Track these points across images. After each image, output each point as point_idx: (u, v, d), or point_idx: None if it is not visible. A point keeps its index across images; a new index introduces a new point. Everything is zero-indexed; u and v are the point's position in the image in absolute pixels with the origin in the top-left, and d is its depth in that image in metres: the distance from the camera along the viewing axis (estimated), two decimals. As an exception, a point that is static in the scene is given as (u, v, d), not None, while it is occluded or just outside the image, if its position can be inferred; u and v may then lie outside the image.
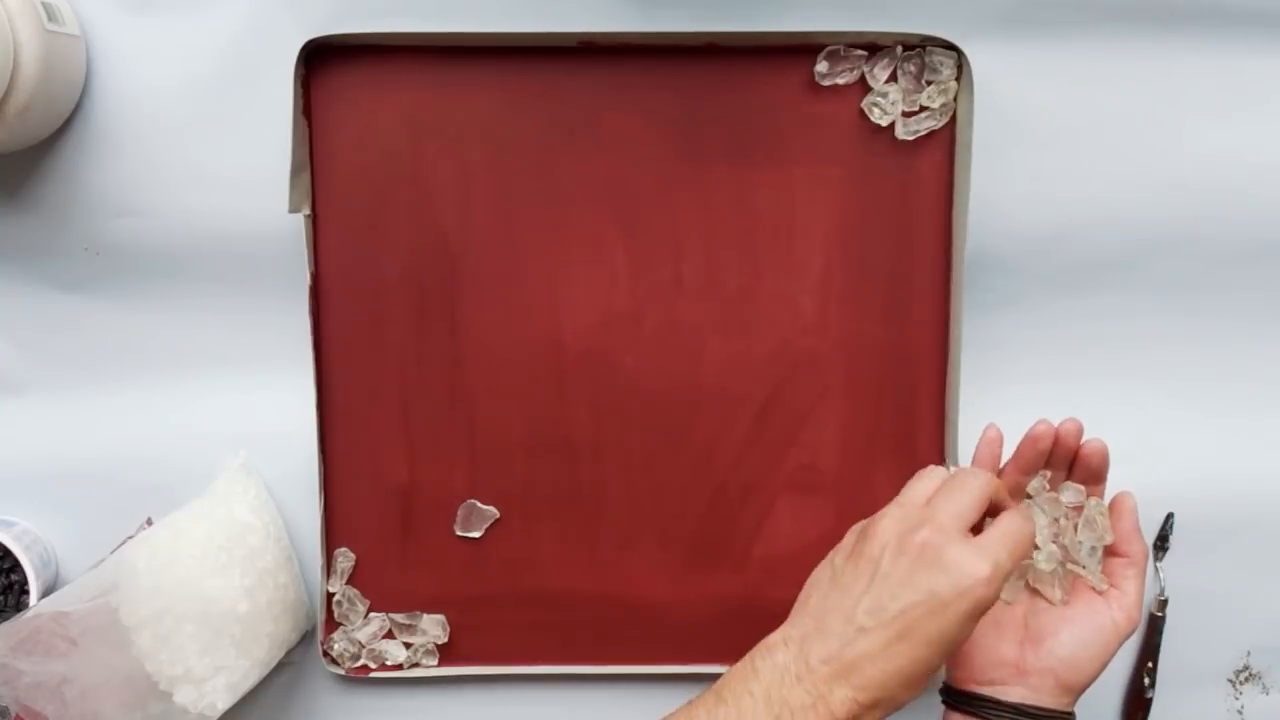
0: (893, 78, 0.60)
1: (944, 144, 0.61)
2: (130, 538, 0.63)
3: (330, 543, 0.64)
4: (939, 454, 0.63)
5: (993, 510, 0.52)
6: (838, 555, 0.51)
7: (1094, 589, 0.55)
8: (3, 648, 0.54)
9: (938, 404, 0.63)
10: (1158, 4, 0.60)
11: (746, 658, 0.50)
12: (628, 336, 0.63)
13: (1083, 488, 0.56)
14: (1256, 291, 0.64)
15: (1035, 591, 0.56)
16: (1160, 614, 0.65)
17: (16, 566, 0.62)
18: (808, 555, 0.64)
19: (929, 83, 0.60)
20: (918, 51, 0.60)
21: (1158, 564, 0.65)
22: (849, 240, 0.62)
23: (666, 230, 0.62)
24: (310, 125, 0.61)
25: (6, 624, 0.55)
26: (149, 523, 0.64)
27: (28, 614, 0.55)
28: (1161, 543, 0.65)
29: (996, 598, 0.47)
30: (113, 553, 0.61)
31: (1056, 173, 0.62)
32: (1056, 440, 0.55)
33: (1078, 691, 0.53)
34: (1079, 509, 0.56)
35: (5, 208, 0.62)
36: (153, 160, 0.62)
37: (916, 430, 0.63)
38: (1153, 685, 0.65)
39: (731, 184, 0.62)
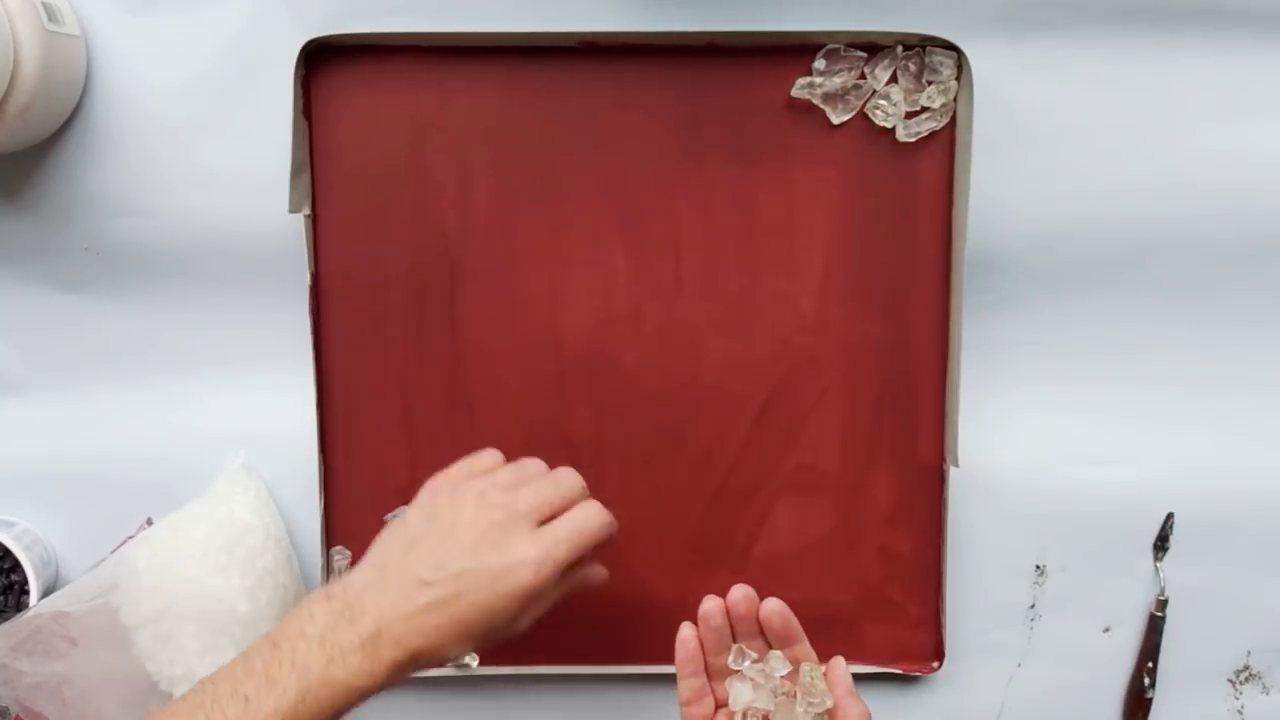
0: (893, 78, 0.60)
1: (944, 144, 0.61)
2: (130, 538, 0.63)
3: (330, 543, 0.64)
4: (939, 454, 0.63)
5: None
6: (410, 512, 0.54)
7: None
8: (3, 648, 0.54)
9: (938, 404, 0.63)
10: (1158, 4, 0.60)
11: (304, 603, 0.51)
12: (628, 336, 0.63)
13: (781, 654, 0.56)
14: (1257, 291, 0.64)
15: None
16: (1160, 614, 0.65)
17: (16, 566, 0.62)
18: (808, 555, 0.64)
19: (929, 83, 0.60)
20: (918, 51, 0.60)
21: (1158, 564, 0.65)
22: (849, 240, 0.62)
23: (666, 230, 0.62)
24: (310, 125, 0.61)
25: (6, 624, 0.55)
26: (149, 523, 0.64)
27: (28, 614, 0.55)
28: (1161, 543, 0.65)
29: (548, 583, 0.50)
30: (113, 553, 0.61)
31: (1056, 173, 0.62)
32: (730, 613, 0.56)
33: None
34: (793, 676, 0.56)
35: (5, 208, 0.62)
36: (153, 160, 0.62)
37: (916, 430, 0.63)
38: (1153, 685, 0.65)
39: (731, 184, 0.62)
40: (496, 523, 0.51)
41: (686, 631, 0.57)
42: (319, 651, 0.48)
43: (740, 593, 0.56)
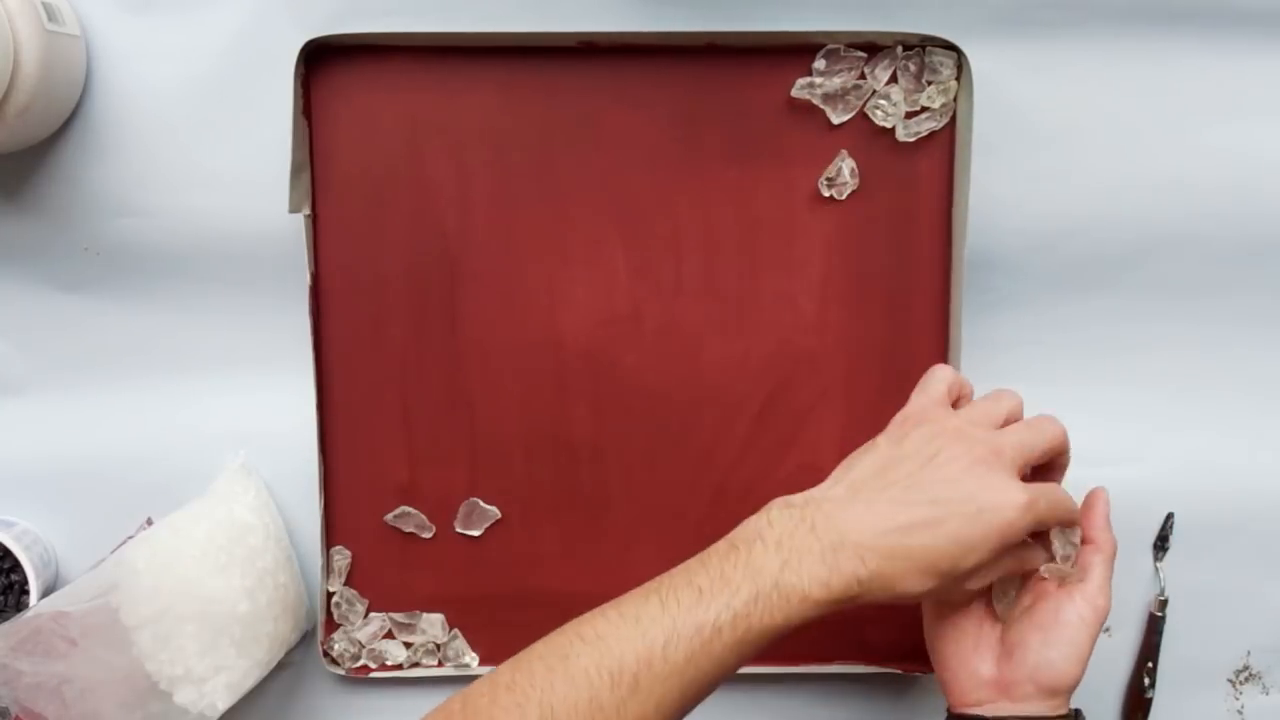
0: (893, 78, 0.60)
1: (944, 144, 0.61)
2: (130, 538, 0.63)
3: (330, 543, 0.64)
4: (939, 454, 0.63)
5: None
6: (882, 439, 0.53)
7: (1060, 584, 0.55)
8: (3, 648, 0.54)
9: (938, 404, 0.63)
10: (1158, 4, 0.60)
11: (763, 510, 0.50)
12: (628, 336, 0.63)
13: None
14: (1257, 291, 0.64)
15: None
16: (1160, 614, 0.65)
17: (16, 566, 0.62)
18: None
19: (929, 83, 0.60)
20: (917, 51, 0.60)
21: (1158, 564, 0.65)
22: (849, 240, 0.62)
23: (666, 230, 0.62)
24: (310, 125, 0.61)
25: (6, 624, 0.55)
26: (149, 523, 0.64)
27: (28, 614, 0.55)
28: (1161, 543, 0.65)
29: (1021, 536, 0.49)
30: (113, 553, 0.61)
31: (1056, 172, 0.62)
32: None
33: (1064, 692, 0.53)
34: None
35: (5, 208, 0.62)
36: (153, 160, 0.62)
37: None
38: (1153, 685, 0.65)
39: (731, 184, 0.62)
40: (981, 458, 0.49)
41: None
42: (775, 554, 0.48)
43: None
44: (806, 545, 0.48)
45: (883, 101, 0.60)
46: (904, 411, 0.55)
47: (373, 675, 0.65)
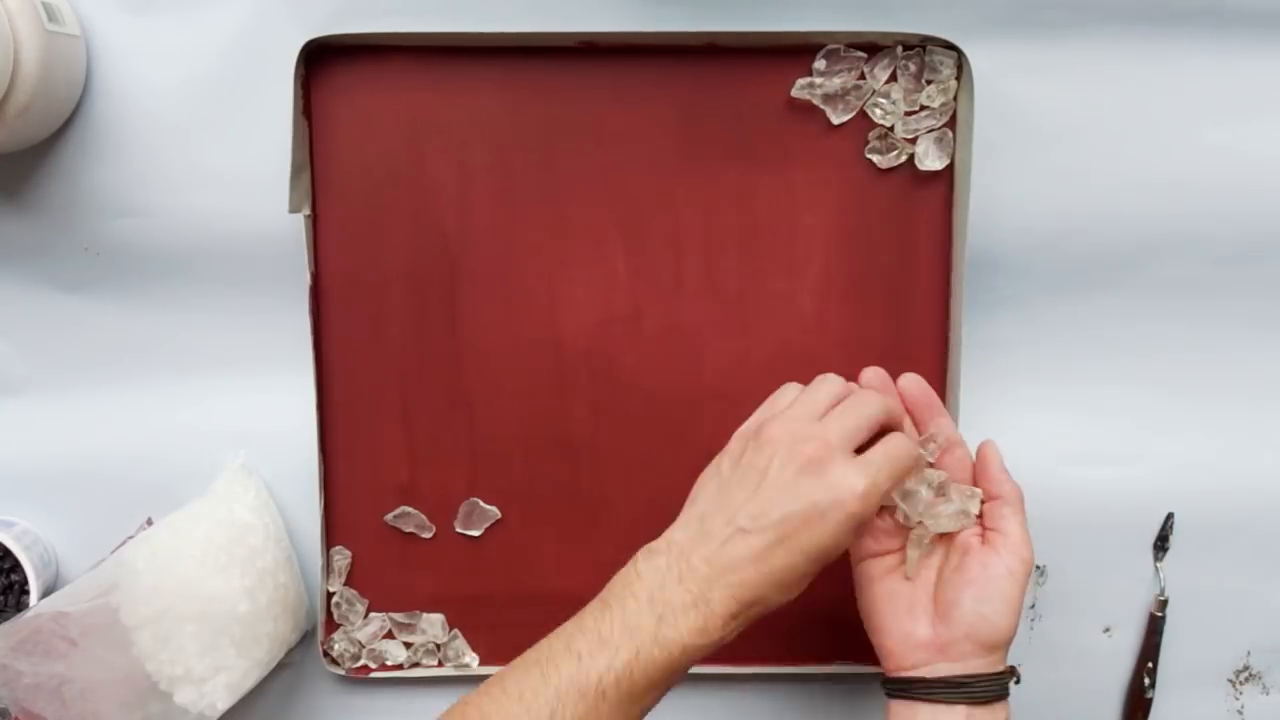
0: (893, 78, 0.60)
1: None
2: (130, 538, 0.63)
3: (330, 543, 0.64)
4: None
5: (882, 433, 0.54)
6: (724, 461, 0.54)
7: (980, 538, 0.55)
8: (3, 648, 0.54)
9: (938, 404, 0.63)
10: (1158, 4, 0.60)
11: (630, 563, 0.51)
12: (628, 336, 0.63)
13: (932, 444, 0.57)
14: (1257, 291, 0.64)
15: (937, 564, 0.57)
16: (1160, 614, 0.65)
17: (16, 566, 0.62)
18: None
19: (929, 82, 0.60)
20: (918, 51, 0.60)
21: (1158, 564, 0.65)
22: (849, 240, 0.62)
23: (666, 230, 0.62)
24: (310, 125, 0.61)
25: (6, 624, 0.55)
26: (149, 523, 0.64)
27: (28, 614, 0.55)
28: (1161, 543, 0.65)
29: (871, 513, 0.50)
30: (113, 553, 0.61)
31: (1056, 172, 0.62)
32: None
33: (1001, 646, 0.54)
34: (943, 457, 0.57)
35: (5, 208, 0.62)
36: (153, 160, 0.62)
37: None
38: (1153, 685, 0.65)
39: (731, 184, 0.62)
40: (811, 457, 0.50)
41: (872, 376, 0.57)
42: (649, 611, 0.49)
43: (871, 372, 0.57)
44: (677, 598, 0.49)
45: (882, 100, 0.60)
46: (742, 427, 0.55)
47: (373, 675, 0.65)
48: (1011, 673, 0.54)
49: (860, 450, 0.52)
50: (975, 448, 0.57)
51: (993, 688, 0.53)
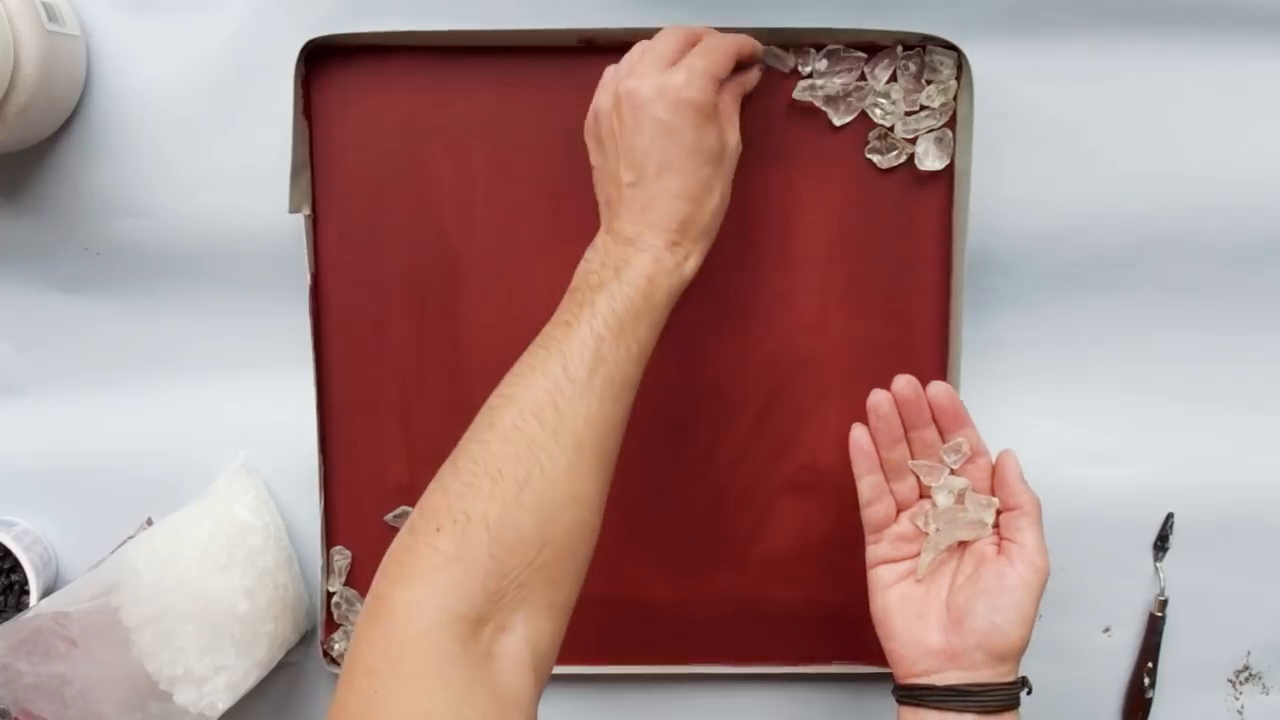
0: (893, 78, 0.60)
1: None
2: (130, 538, 0.63)
3: (330, 543, 0.64)
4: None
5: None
6: (593, 146, 0.56)
7: (996, 547, 0.56)
8: (3, 648, 0.54)
9: (938, 404, 0.63)
10: (1159, 4, 0.60)
11: (582, 260, 0.54)
12: (628, 336, 0.63)
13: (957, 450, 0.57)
14: (1257, 291, 0.64)
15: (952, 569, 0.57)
16: (1160, 614, 0.65)
17: (16, 566, 0.62)
18: (808, 555, 0.64)
19: (929, 82, 0.60)
20: (918, 51, 0.60)
21: (1158, 564, 0.65)
22: (849, 240, 0.62)
23: (666, 230, 0.62)
24: (310, 125, 0.61)
25: (6, 624, 0.55)
26: (149, 523, 0.64)
27: (28, 614, 0.55)
28: (1161, 543, 0.65)
29: (708, 93, 0.52)
30: (113, 553, 0.61)
31: (1056, 173, 0.62)
32: (898, 400, 0.57)
33: (1013, 657, 0.54)
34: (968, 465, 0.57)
35: (5, 208, 0.62)
36: (153, 160, 0.62)
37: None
38: (1153, 685, 0.65)
39: (732, 184, 0.61)
40: (631, 91, 0.52)
41: (858, 431, 0.57)
42: (609, 271, 0.51)
43: (904, 380, 0.57)
44: (622, 255, 0.52)
45: (882, 100, 0.60)
46: (594, 105, 0.56)
47: (373, 675, 0.65)
48: (1023, 683, 0.54)
49: None
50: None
51: (1003, 697, 0.53)
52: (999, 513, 0.56)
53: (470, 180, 0.62)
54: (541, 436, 0.48)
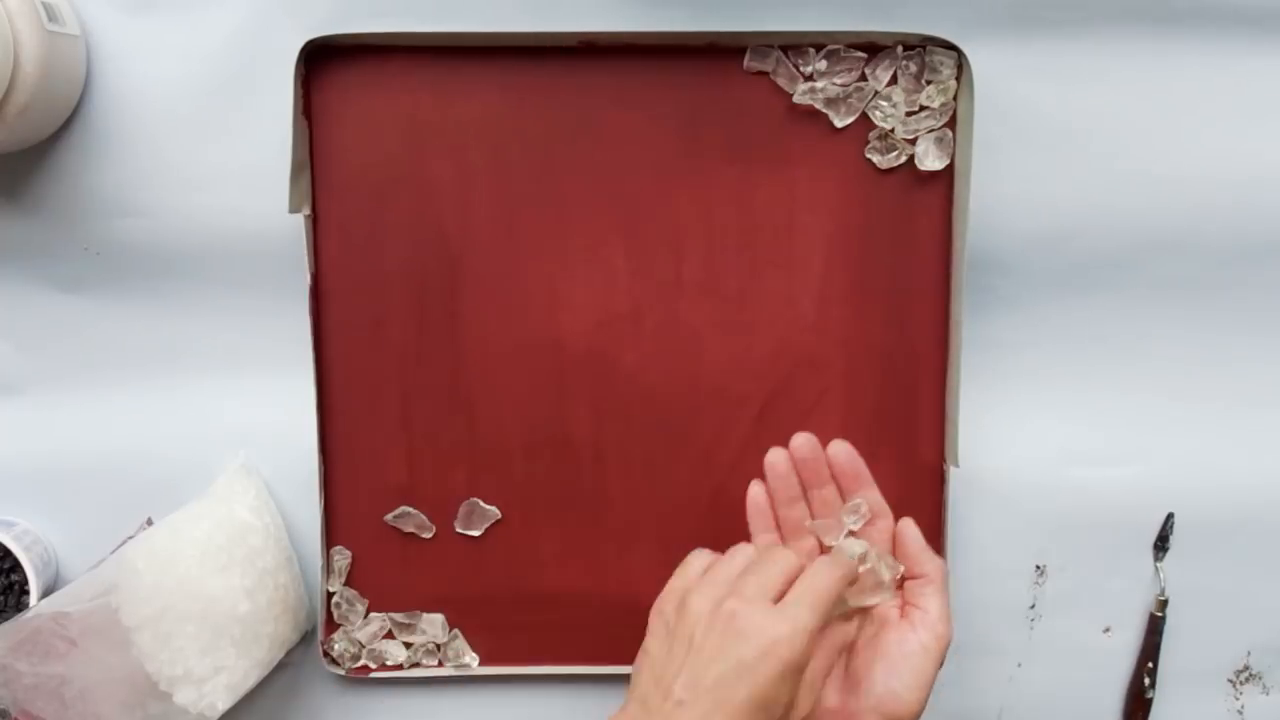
0: (893, 79, 0.60)
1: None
2: (130, 538, 0.63)
3: (330, 543, 0.64)
4: (939, 454, 0.63)
5: None
6: (651, 642, 0.52)
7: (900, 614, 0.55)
8: (3, 648, 0.54)
9: (938, 404, 0.63)
10: (1159, 4, 0.60)
11: None
12: (628, 336, 0.63)
13: (856, 511, 0.57)
14: (1257, 291, 0.64)
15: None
16: (1160, 614, 0.65)
17: (16, 566, 0.62)
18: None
19: (929, 82, 0.60)
20: (918, 51, 0.60)
21: (1158, 564, 0.65)
22: (849, 240, 0.62)
23: (666, 230, 0.62)
24: (310, 125, 0.61)
25: (6, 624, 0.55)
26: (149, 523, 0.64)
27: (28, 614, 0.55)
28: (1161, 543, 0.65)
29: (806, 654, 0.48)
30: (113, 553, 0.61)
31: (1056, 173, 0.62)
32: (795, 459, 0.57)
33: None
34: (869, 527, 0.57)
35: (5, 208, 0.62)
36: (153, 160, 0.62)
37: (916, 430, 0.63)
38: (1153, 685, 0.65)
39: (731, 184, 0.62)
40: (733, 614, 0.49)
41: (755, 488, 0.57)
42: None
43: (803, 438, 0.56)
44: None
45: (883, 102, 0.60)
46: (657, 604, 0.54)
47: (373, 675, 0.65)
48: None
49: None
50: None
51: None
52: (903, 578, 0.56)
53: (470, 180, 0.62)
54: None
